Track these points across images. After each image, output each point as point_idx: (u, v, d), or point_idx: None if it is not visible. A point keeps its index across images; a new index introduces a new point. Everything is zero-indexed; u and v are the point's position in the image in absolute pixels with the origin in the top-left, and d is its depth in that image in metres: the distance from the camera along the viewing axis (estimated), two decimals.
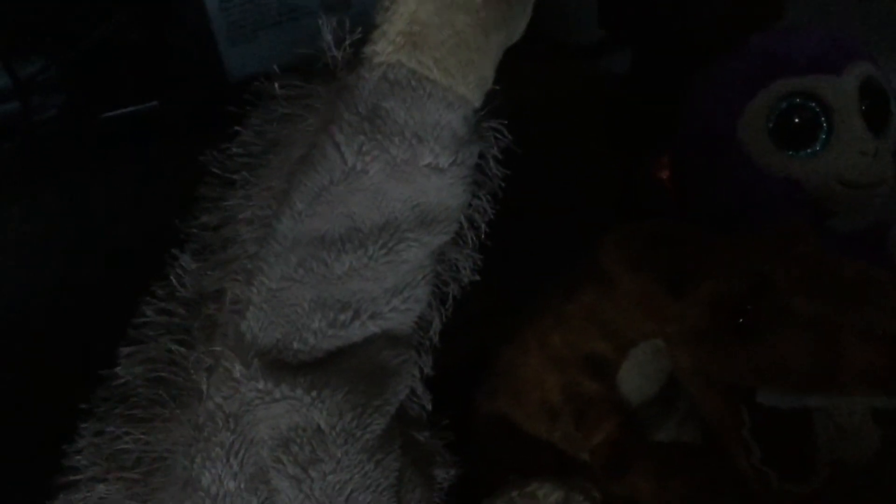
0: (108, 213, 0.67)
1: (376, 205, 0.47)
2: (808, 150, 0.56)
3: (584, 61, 0.75)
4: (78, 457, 0.46)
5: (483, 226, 0.51)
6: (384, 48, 0.46)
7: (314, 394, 0.46)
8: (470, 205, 0.50)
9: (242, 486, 0.45)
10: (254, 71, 0.81)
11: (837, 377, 0.41)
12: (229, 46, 0.82)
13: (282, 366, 0.46)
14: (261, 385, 0.45)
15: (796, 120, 0.57)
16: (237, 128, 0.48)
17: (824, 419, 0.43)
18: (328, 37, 0.48)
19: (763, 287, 0.43)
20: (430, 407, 0.52)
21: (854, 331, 0.41)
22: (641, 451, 0.50)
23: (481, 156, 0.50)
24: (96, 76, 0.82)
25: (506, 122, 0.50)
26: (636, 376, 0.50)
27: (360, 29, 0.48)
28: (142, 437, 0.45)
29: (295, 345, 0.46)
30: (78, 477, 0.45)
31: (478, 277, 0.52)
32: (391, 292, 0.48)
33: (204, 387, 0.45)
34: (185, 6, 0.82)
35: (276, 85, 0.48)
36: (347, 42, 0.48)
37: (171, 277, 0.47)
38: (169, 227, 0.48)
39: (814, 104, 0.57)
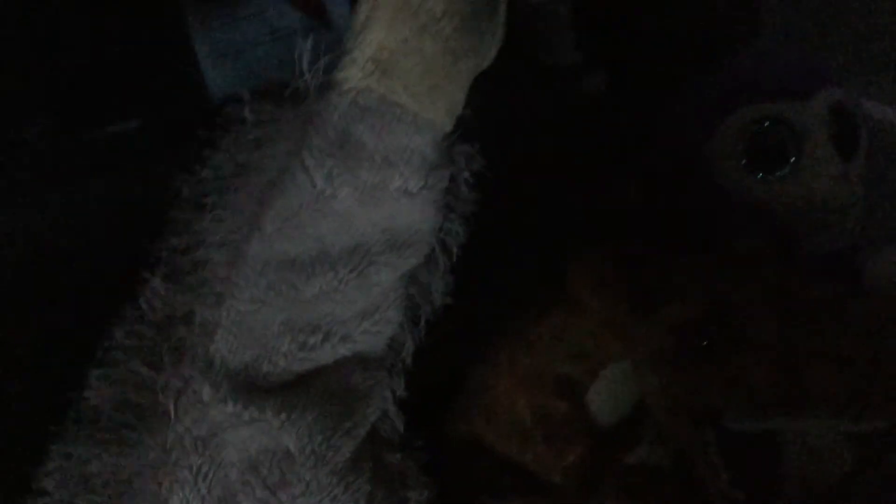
0: (80, 234, 0.67)
1: (346, 228, 0.47)
2: (778, 174, 0.57)
3: (560, 82, 0.76)
4: (47, 479, 0.46)
5: (455, 249, 0.51)
6: (354, 74, 0.47)
7: (283, 416, 0.46)
8: (441, 228, 0.51)
9: None
10: (236, 91, 0.82)
11: (800, 400, 0.41)
12: (211, 67, 0.82)
13: (251, 388, 0.46)
14: (230, 408, 0.45)
15: (766, 143, 0.58)
16: (208, 151, 0.49)
17: (793, 441, 0.43)
18: (301, 62, 0.48)
19: (725, 310, 0.43)
20: (402, 428, 0.52)
21: (816, 354, 0.42)
22: (612, 473, 0.50)
23: (452, 179, 0.51)
24: (78, 94, 0.83)
25: (477, 145, 0.51)
26: (606, 398, 0.50)
27: (330, 54, 0.48)
28: (110, 459, 0.46)
29: (265, 367, 0.46)
30: (46, 500, 0.45)
31: (450, 300, 0.52)
32: (362, 315, 0.49)
33: (172, 410, 0.45)
34: (168, 26, 0.83)
35: (247, 109, 0.48)
36: (319, 67, 0.48)
37: (141, 300, 0.47)
38: (140, 250, 0.48)
39: (783, 128, 0.57)
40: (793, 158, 0.57)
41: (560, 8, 0.82)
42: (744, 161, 0.57)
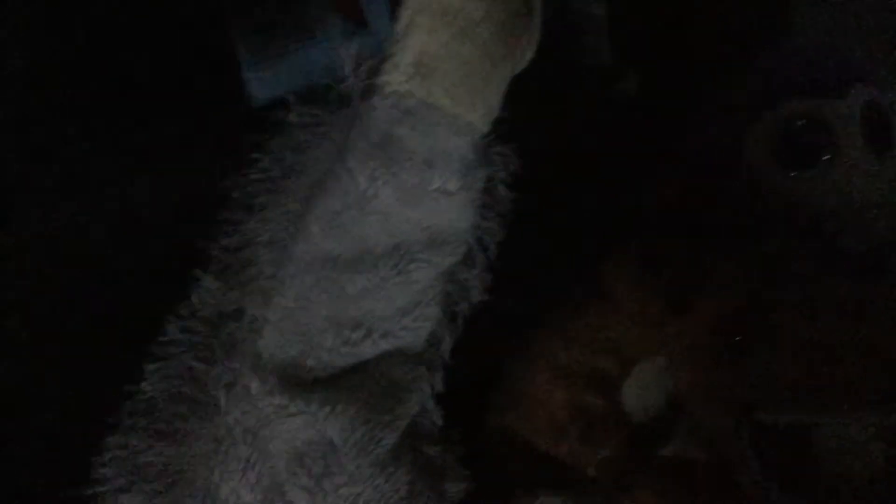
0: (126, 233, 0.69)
1: (388, 228, 0.49)
2: (812, 171, 0.57)
3: (595, 83, 0.77)
4: (103, 469, 0.48)
5: (492, 246, 0.53)
6: (396, 78, 0.48)
7: (328, 409, 0.47)
8: (479, 226, 0.52)
9: (259, 498, 0.47)
10: (276, 96, 0.84)
11: (832, 395, 0.42)
12: (253, 72, 0.84)
13: (297, 382, 0.48)
14: (277, 400, 0.47)
15: (799, 141, 0.58)
16: (256, 154, 0.51)
17: (825, 436, 0.44)
18: (344, 67, 0.50)
19: (759, 306, 0.44)
20: (441, 422, 0.54)
21: (848, 349, 0.42)
22: (647, 467, 0.51)
23: (490, 179, 0.52)
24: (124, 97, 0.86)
25: (513, 146, 0.52)
26: (640, 392, 0.51)
27: (374, 59, 0.50)
28: (164, 450, 0.48)
29: (310, 362, 0.48)
30: (103, 488, 0.48)
31: (488, 297, 0.53)
32: (402, 312, 0.50)
33: (223, 402, 0.47)
34: (210, 31, 0.85)
35: (293, 113, 0.50)
36: (361, 71, 0.50)
37: (193, 297, 0.49)
38: (191, 248, 0.51)
39: (816, 126, 0.58)
40: (826, 156, 0.57)
41: (595, 10, 0.83)
42: (777, 159, 0.58)
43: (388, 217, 0.48)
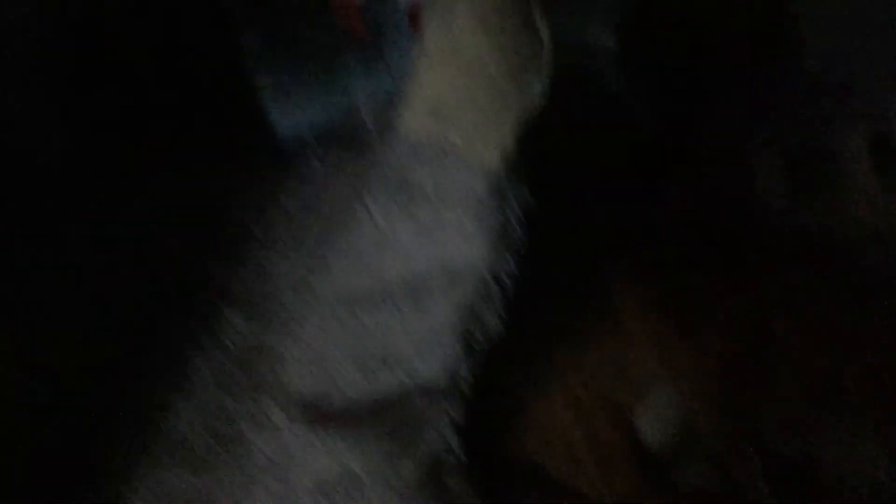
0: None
1: (406, 264, 0.50)
2: (820, 199, 0.58)
3: (607, 112, 0.78)
4: (135, 496, 0.50)
5: (507, 280, 0.54)
6: (411, 119, 0.50)
7: (350, 440, 0.49)
8: (494, 261, 0.54)
9: None
10: (297, 128, 0.86)
11: (838, 421, 0.43)
12: (276, 109, 0.87)
13: (321, 415, 0.49)
14: (301, 434, 0.49)
15: (810, 169, 0.59)
16: (279, 193, 0.53)
17: (833, 460, 0.45)
18: (362, 109, 0.52)
19: (766, 333, 0.45)
20: (461, 453, 0.55)
21: (854, 376, 0.43)
22: (662, 496, 0.52)
23: (503, 215, 0.54)
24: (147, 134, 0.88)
25: (527, 181, 0.54)
26: (655, 421, 0.52)
27: (389, 100, 0.52)
28: (194, 480, 0.49)
29: (332, 395, 0.50)
30: None
31: (504, 329, 0.55)
32: (421, 346, 0.52)
33: (249, 435, 0.49)
34: (231, 65, 0.88)
35: (313, 154, 0.52)
36: (378, 112, 0.52)
37: (220, 333, 0.51)
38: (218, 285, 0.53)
39: (824, 155, 0.59)
40: (835, 181, 0.59)
41: (606, 42, 0.85)
42: (786, 187, 0.59)
43: (405, 254, 0.50)
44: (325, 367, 0.50)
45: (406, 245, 0.50)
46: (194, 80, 0.87)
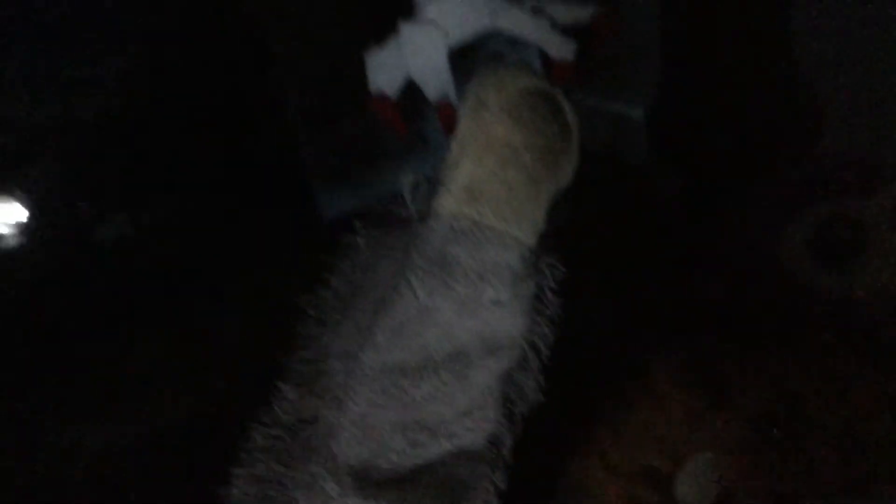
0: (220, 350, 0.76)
1: (447, 337, 0.54)
2: (847, 267, 0.60)
3: (635, 183, 0.82)
4: None
5: (544, 349, 0.57)
6: (448, 202, 0.54)
7: None
8: (531, 331, 0.57)
9: None
10: (343, 212, 0.91)
11: (869, 486, 0.44)
12: (323, 190, 0.92)
13: (370, 483, 0.52)
14: (351, 501, 0.51)
15: (834, 239, 0.61)
16: (328, 275, 0.57)
17: None
18: (404, 192, 0.56)
19: (797, 400, 0.47)
20: None
21: (885, 441, 0.45)
22: None
23: (539, 287, 0.57)
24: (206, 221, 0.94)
25: (560, 255, 0.57)
26: (692, 487, 0.54)
27: (429, 185, 0.56)
28: None
29: (381, 463, 0.53)
30: None
31: (543, 397, 0.57)
32: (464, 414, 0.54)
33: (304, 503, 0.52)
34: (281, 149, 0.93)
35: (360, 238, 0.56)
36: (419, 195, 0.56)
37: (276, 405, 0.55)
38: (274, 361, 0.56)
39: (849, 224, 0.61)
40: (862, 253, 0.61)
41: (633, 113, 0.88)
42: (813, 256, 0.61)
43: (446, 327, 0.53)
44: (374, 436, 0.53)
45: (447, 318, 0.53)
46: (248, 169, 0.93)
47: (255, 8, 0.86)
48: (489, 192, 0.54)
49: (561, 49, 0.65)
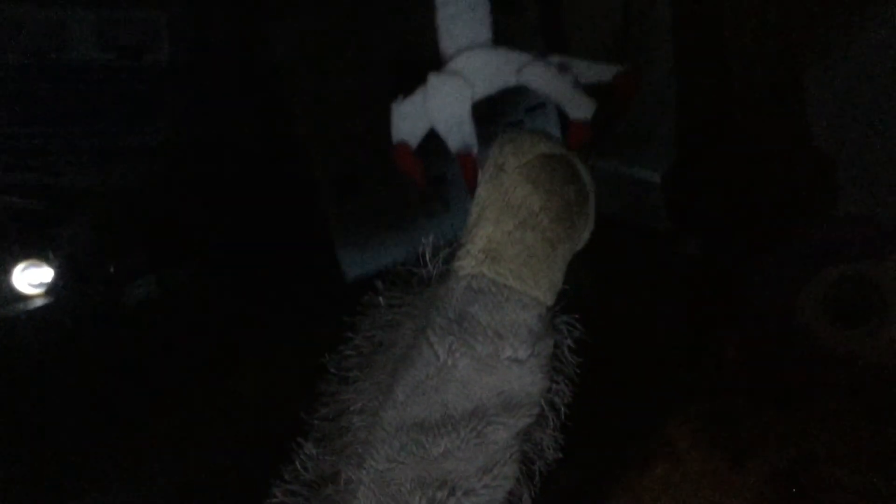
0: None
1: (466, 394, 0.54)
2: (863, 328, 0.61)
3: (655, 246, 0.83)
4: None
5: (562, 407, 0.58)
6: (468, 263, 0.56)
7: None
8: (549, 389, 0.57)
9: None
10: (367, 271, 0.93)
11: None
12: (346, 251, 0.94)
13: None
14: None
15: (850, 300, 0.62)
16: (350, 334, 0.58)
17: None
18: (425, 253, 0.58)
19: (813, 459, 0.47)
20: None
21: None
22: None
23: (557, 346, 0.58)
24: (236, 283, 0.96)
25: (577, 316, 0.58)
26: None
27: (449, 247, 0.58)
28: None
29: None
30: None
31: (561, 455, 0.58)
32: (482, 470, 0.55)
33: None
34: (306, 212, 0.96)
35: (381, 297, 0.58)
36: (439, 257, 0.58)
37: (297, 463, 0.55)
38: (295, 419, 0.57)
39: (865, 286, 0.62)
40: (877, 313, 0.61)
41: (651, 178, 0.90)
42: (829, 318, 0.61)
43: (465, 384, 0.54)
44: (394, 494, 0.53)
45: (466, 376, 0.54)
46: (274, 232, 0.95)
47: (285, 77, 0.90)
48: (508, 254, 0.56)
49: (580, 109, 0.67)
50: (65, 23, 0.87)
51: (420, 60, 0.95)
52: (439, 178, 0.97)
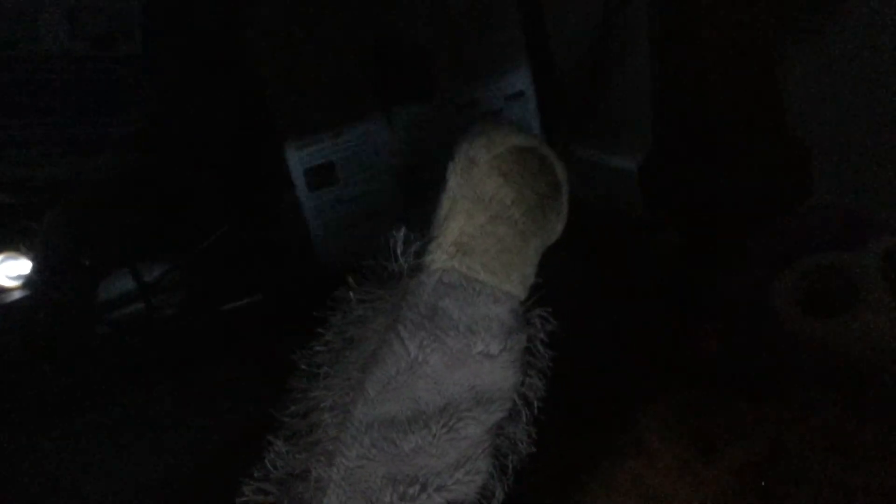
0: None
1: (437, 389, 0.54)
2: (837, 319, 0.61)
3: (630, 238, 0.83)
4: None
5: (535, 402, 0.57)
6: (440, 256, 0.55)
7: None
8: (522, 383, 0.57)
9: None
10: (343, 263, 0.93)
11: None
12: (321, 241, 0.94)
13: None
14: None
15: (824, 291, 0.62)
16: (321, 329, 0.57)
17: None
18: (396, 248, 0.57)
19: (784, 452, 0.47)
20: None
21: (871, 492, 0.45)
22: None
23: (530, 340, 0.57)
24: (210, 276, 0.96)
25: (549, 309, 0.58)
26: None
27: (420, 241, 0.57)
28: None
29: None
30: None
31: (534, 449, 0.57)
32: (454, 466, 0.55)
33: None
34: (284, 208, 0.96)
35: (352, 293, 0.57)
36: (410, 251, 0.57)
37: (266, 460, 0.55)
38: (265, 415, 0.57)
39: (839, 276, 0.62)
40: (850, 304, 0.61)
41: (627, 165, 0.90)
42: (802, 308, 0.61)
43: (436, 380, 0.54)
44: (364, 491, 0.53)
45: (437, 371, 0.54)
46: (249, 222, 0.95)
47: (260, 67, 0.89)
48: (479, 247, 0.55)
49: None
50: (36, 13, 0.86)
51: (399, 46, 0.94)
52: (412, 167, 0.97)
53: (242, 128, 0.93)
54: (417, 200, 0.94)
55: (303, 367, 0.57)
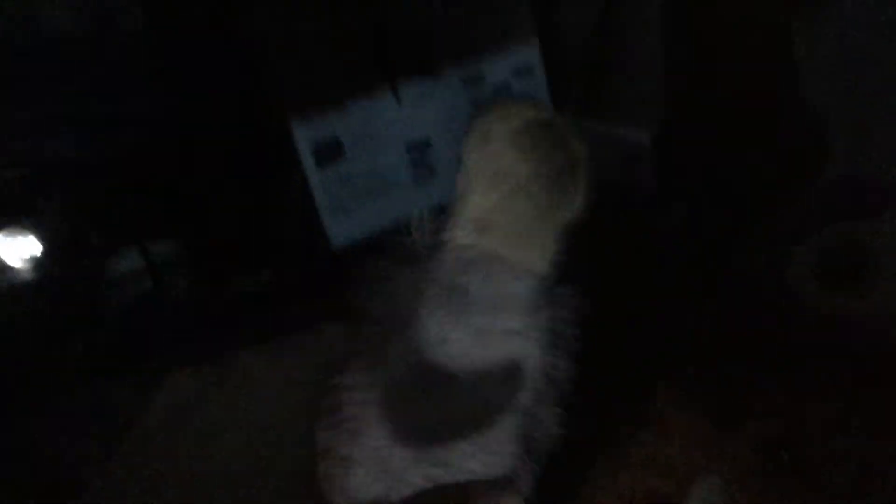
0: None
1: (461, 367, 0.54)
2: (854, 290, 0.60)
3: (643, 212, 0.82)
4: None
5: (561, 381, 0.57)
6: (458, 233, 0.55)
7: None
8: (547, 362, 0.57)
9: None
10: (353, 239, 0.92)
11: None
12: (330, 217, 0.93)
13: None
14: None
15: (841, 263, 0.62)
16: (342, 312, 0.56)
17: None
18: (414, 226, 0.57)
19: (804, 424, 0.47)
20: None
21: (890, 462, 0.45)
22: None
23: (554, 318, 0.57)
24: (219, 253, 0.95)
25: (573, 285, 0.57)
26: None
27: (438, 218, 0.56)
28: None
29: (393, 497, 0.53)
30: None
31: (562, 430, 0.57)
32: (481, 447, 0.54)
33: None
34: (291, 184, 0.94)
35: (369, 269, 0.56)
36: (428, 228, 0.56)
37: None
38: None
39: (856, 248, 0.61)
40: (869, 275, 0.61)
41: (641, 140, 0.89)
42: (819, 281, 0.61)
43: (461, 356, 0.54)
44: (390, 471, 0.53)
45: (459, 350, 0.53)
46: (259, 200, 0.94)
47: (266, 49, 0.88)
48: (497, 223, 0.55)
49: None
50: None
51: (403, 25, 0.92)
52: (423, 142, 0.96)
53: (247, 104, 0.92)
54: (427, 175, 0.93)
55: (322, 347, 0.57)
